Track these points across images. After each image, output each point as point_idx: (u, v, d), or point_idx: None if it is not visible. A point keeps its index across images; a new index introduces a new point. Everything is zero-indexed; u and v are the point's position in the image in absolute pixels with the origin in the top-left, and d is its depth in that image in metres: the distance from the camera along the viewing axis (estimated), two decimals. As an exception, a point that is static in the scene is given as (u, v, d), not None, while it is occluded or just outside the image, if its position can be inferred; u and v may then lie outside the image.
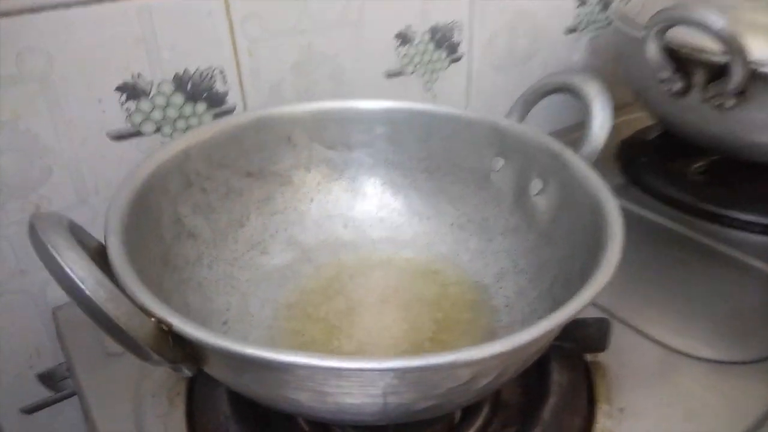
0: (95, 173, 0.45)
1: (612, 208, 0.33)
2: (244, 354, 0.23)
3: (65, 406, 0.52)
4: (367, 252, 0.46)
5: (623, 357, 0.42)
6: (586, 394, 0.38)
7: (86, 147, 0.44)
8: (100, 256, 0.29)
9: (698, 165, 0.65)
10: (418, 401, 0.27)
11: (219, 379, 0.30)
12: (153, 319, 0.25)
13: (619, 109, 0.77)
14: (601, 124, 0.39)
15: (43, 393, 0.50)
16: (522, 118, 0.45)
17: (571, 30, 0.68)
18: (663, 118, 0.60)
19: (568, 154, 0.38)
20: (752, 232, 0.55)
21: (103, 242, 0.30)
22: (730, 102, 0.49)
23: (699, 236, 0.55)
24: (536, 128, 0.42)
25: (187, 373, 0.28)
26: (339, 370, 0.24)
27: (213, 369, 0.28)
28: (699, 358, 0.42)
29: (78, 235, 0.27)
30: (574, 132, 0.42)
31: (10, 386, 0.48)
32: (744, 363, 0.41)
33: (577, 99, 0.41)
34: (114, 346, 0.42)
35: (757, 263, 0.51)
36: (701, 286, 0.49)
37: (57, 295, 0.47)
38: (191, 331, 0.24)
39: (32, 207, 0.44)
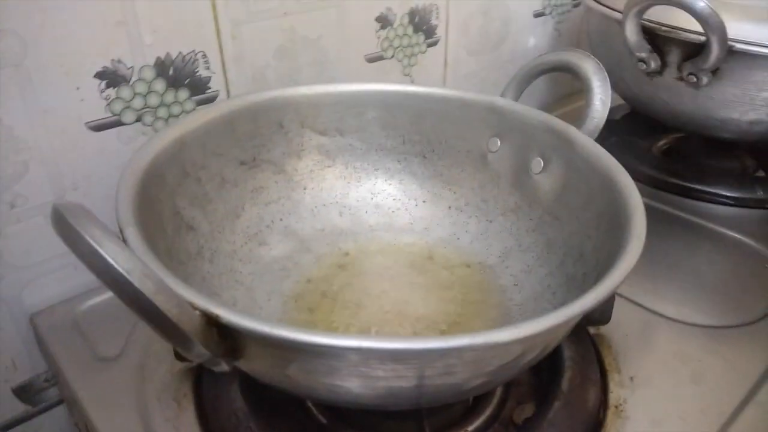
0: (73, 167, 0.42)
1: (628, 184, 0.34)
2: (306, 341, 0.22)
3: (43, 419, 0.48)
4: (366, 239, 0.46)
5: (624, 328, 0.43)
6: (597, 365, 0.39)
7: (64, 138, 0.41)
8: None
9: (662, 143, 0.68)
10: (467, 380, 0.27)
11: (251, 373, 0.29)
12: (197, 312, 0.23)
13: (582, 91, 0.80)
14: (602, 100, 0.39)
15: (18, 408, 0.46)
16: (517, 97, 0.45)
17: (539, 14, 0.69)
18: (634, 98, 0.62)
19: (573, 132, 0.39)
20: (720, 203, 0.58)
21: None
22: (705, 79, 0.51)
23: (672, 209, 0.57)
24: (534, 108, 0.42)
25: (224, 367, 0.26)
26: (403, 351, 0.23)
27: (252, 361, 0.27)
28: (695, 325, 0.43)
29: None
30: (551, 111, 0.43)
31: (-16, 402, 0.44)
32: (736, 326, 0.43)
33: (574, 77, 0.41)
34: (106, 350, 0.40)
35: (730, 233, 0.53)
36: (682, 256, 0.51)
37: (34, 300, 0.44)
38: (243, 322, 0.23)
39: (6, 207, 0.40)
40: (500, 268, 0.42)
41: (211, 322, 0.24)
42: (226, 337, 0.25)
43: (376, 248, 0.45)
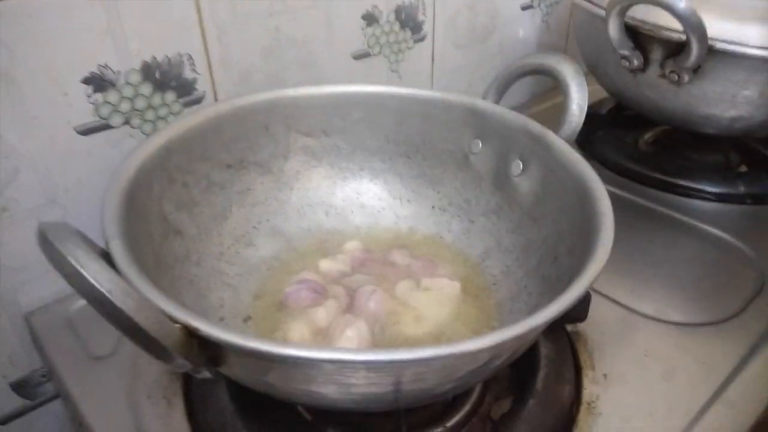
0: (64, 170, 0.43)
1: (599, 190, 0.35)
2: (279, 354, 0.24)
3: (40, 413, 0.50)
4: (352, 238, 0.47)
5: (601, 326, 0.44)
6: (572, 363, 0.41)
7: (53, 144, 0.42)
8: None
9: (648, 136, 0.69)
10: (439, 385, 0.28)
11: (234, 378, 0.30)
12: (178, 325, 0.25)
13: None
14: (579, 104, 0.40)
15: (16, 402, 0.48)
16: (498, 99, 0.46)
17: (527, 6, 0.70)
18: (618, 93, 0.62)
19: (551, 136, 0.40)
20: (702, 199, 0.59)
21: (102, 247, 0.29)
22: (687, 77, 0.51)
23: (654, 205, 0.58)
24: (514, 111, 0.43)
25: (206, 374, 0.28)
26: (373, 362, 0.24)
27: (232, 369, 0.28)
28: (670, 322, 0.44)
29: (85, 243, 0.26)
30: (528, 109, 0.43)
31: (-17, 398, 0.46)
32: (709, 324, 0.44)
33: (554, 80, 0.42)
34: (98, 348, 0.42)
35: (711, 229, 0.54)
36: (662, 253, 0.52)
37: (29, 299, 0.45)
38: (220, 335, 0.24)
39: (-1, 210, 0.41)
40: (481, 267, 0.44)
41: (191, 334, 0.25)
42: (207, 348, 0.26)
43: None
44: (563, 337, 0.42)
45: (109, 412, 0.38)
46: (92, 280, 0.22)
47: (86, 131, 0.43)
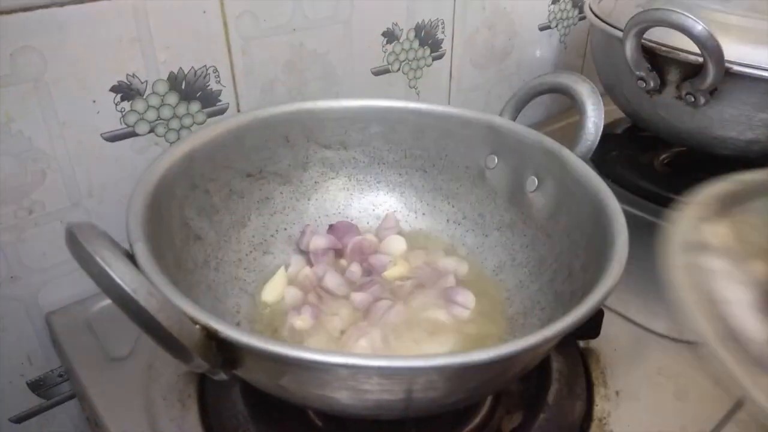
0: (89, 175, 0.44)
1: (614, 208, 0.35)
2: (296, 357, 0.24)
3: (55, 412, 0.51)
4: (367, 249, 0.47)
5: (613, 342, 0.44)
6: (584, 379, 0.41)
7: (80, 149, 0.43)
8: (126, 264, 0.29)
9: (664, 156, 0.69)
10: (451, 395, 0.28)
11: (249, 381, 0.31)
12: (198, 326, 0.25)
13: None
14: (594, 122, 0.41)
15: (32, 401, 0.49)
16: (515, 117, 0.47)
17: (545, 27, 0.71)
18: (634, 113, 0.63)
19: (566, 153, 0.40)
20: (718, 220, 0.59)
21: (127, 249, 0.30)
22: (703, 99, 0.52)
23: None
24: (532, 125, 0.44)
25: (223, 376, 0.28)
26: (386, 369, 0.24)
27: (248, 371, 0.29)
28: (682, 341, 0.44)
29: (111, 244, 0.27)
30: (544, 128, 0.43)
31: (1, 396, 0.47)
32: (723, 344, 0.44)
33: (570, 99, 0.43)
34: (116, 350, 0.43)
35: (725, 250, 0.54)
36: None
37: (50, 300, 0.46)
38: (240, 337, 0.25)
39: (25, 212, 0.42)
40: (494, 281, 0.44)
41: (211, 335, 0.26)
42: (225, 350, 0.27)
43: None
44: (575, 353, 0.42)
45: (125, 412, 0.38)
46: (118, 279, 0.23)
47: (113, 138, 0.44)
